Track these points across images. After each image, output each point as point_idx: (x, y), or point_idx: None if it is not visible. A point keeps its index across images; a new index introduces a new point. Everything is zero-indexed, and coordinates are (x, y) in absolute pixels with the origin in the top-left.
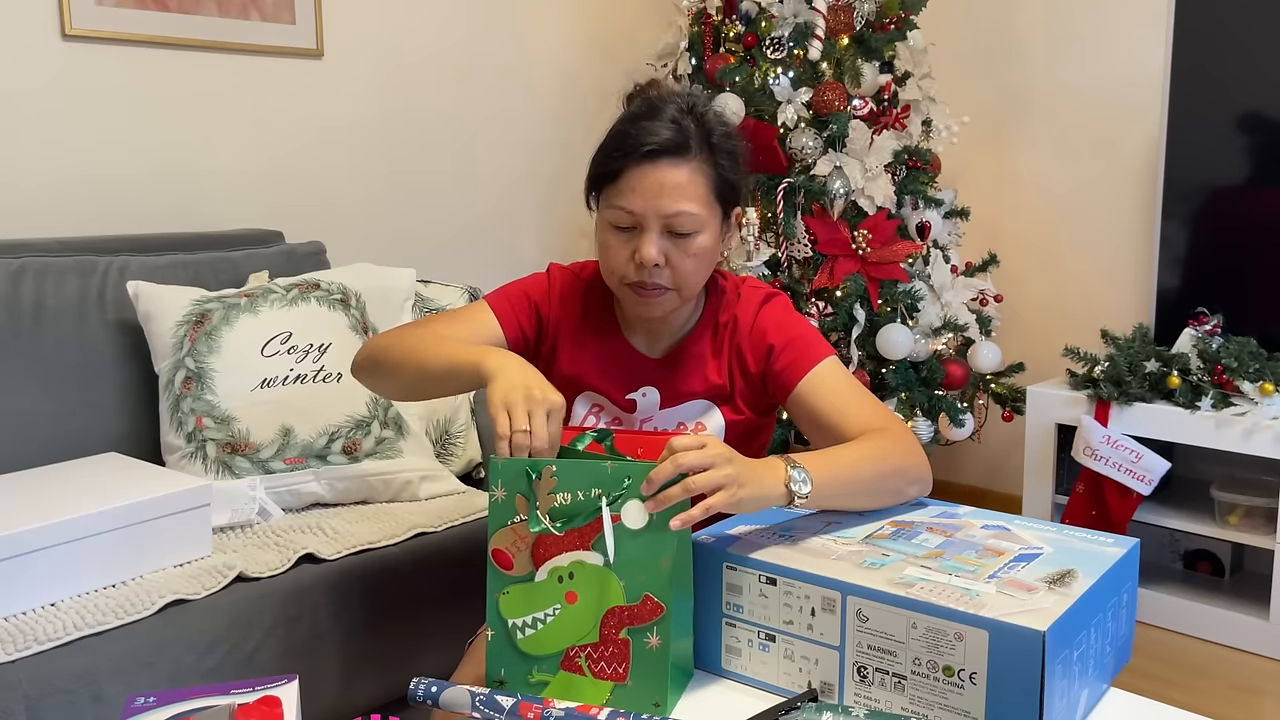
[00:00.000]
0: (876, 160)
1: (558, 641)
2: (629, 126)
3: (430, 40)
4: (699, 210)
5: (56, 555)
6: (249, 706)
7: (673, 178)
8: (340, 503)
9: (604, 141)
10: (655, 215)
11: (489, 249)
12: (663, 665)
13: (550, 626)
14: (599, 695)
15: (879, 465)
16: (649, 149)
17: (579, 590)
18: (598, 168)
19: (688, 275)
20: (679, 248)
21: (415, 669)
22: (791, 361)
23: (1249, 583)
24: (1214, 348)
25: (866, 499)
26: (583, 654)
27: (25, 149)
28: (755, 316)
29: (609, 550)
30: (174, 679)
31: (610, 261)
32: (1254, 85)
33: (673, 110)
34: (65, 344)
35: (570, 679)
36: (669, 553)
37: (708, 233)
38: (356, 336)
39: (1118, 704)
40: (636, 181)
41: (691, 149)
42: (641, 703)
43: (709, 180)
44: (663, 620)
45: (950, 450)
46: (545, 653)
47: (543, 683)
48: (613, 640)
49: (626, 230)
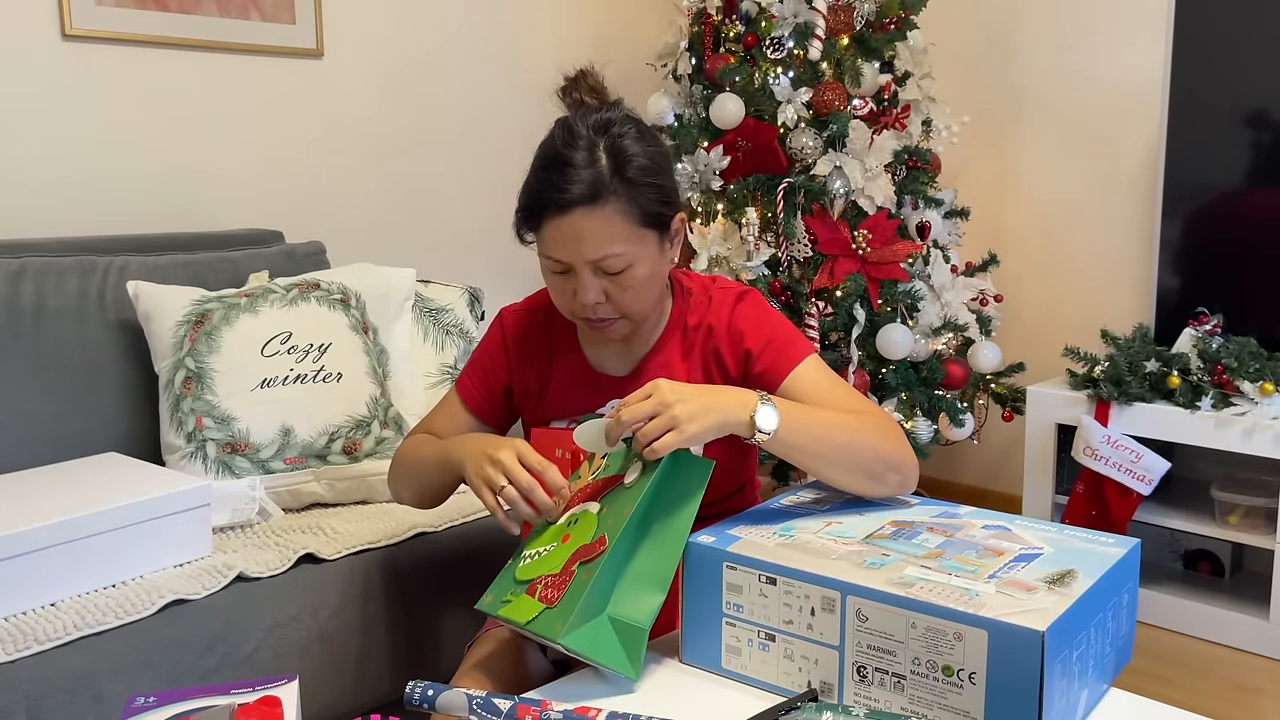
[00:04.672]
0: (876, 160)
1: (538, 570)
2: (540, 177)
3: (430, 40)
4: (625, 248)
5: (56, 555)
6: (249, 706)
7: (590, 226)
8: (340, 503)
9: (523, 185)
10: (582, 261)
11: (489, 249)
12: (579, 593)
13: (542, 559)
14: (529, 612)
15: (853, 437)
16: (561, 202)
17: (574, 533)
18: (519, 216)
19: (632, 305)
20: (616, 284)
21: (415, 669)
22: (771, 364)
23: (1249, 583)
24: (1214, 348)
25: (838, 468)
26: (543, 582)
27: (25, 149)
28: (729, 319)
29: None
30: (174, 679)
31: (557, 298)
32: (1254, 85)
33: (581, 153)
34: (65, 344)
35: (523, 601)
36: (635, 503)
37: (643, 263)
38: (356, 336)
39: (1118, 704)
40: (556, 234)
41: (603, 193)
42: (550, 626)
43: (630, 216)
44: (601, 556)
45: (950, 450)
46: (526, 579)
47: (507, 601)
48: (567, 572)
49: (563, 273)
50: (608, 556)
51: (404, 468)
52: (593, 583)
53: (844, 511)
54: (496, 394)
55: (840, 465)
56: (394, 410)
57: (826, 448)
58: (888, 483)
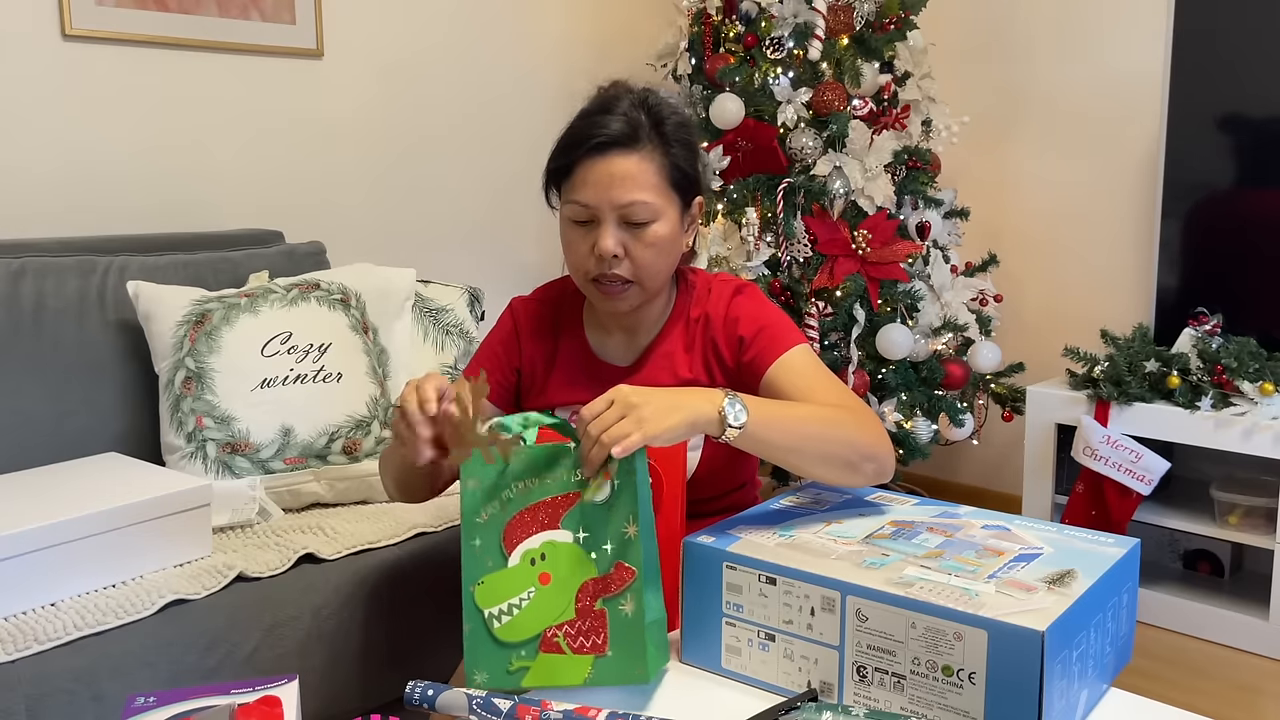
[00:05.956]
0: (876, 160)
1: (535, 624)
2: (580, 121)
3: (430, 40)
4: (652, 199)
5: (56, 555)
6: (249, 706)
7: (623, 167)
8: (340, 503)
9: (557, 140)
10: (609, 206)
11: (489, 249)
12: (639, 631)
13: (526, 611)
14: (580, 671)
15: (826, 428)
16: (598, 141)
17: (551, 570)
18: (552, 164)
19: (647, 265)
20: (636, 238)
21: (415, 669)
22: (762, 350)
23: (1249, 583)
24: (1214, 348)
25: (811, 460)
26: (560, 632)
27: (25, 149)
28: (727, 309)
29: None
30: (174, 679)
31: (572, 257)
32: (1254, 85)
33: (624, 104)
34: (65, 344)
35: (550, 660)
36: (632, 519)
37: (664, 221)
38: (356, 336)
39: (1118, 704)
40: (588, 174)
41: (641, 139)
42: (624, 672)
43: (661, 169)
44: (635, 585)
45: (950, 450)
46: (523, 638)
47: (523, 669)
48: (588, 613)
49: (584, 225)
50: (644, 582)
51: (387, 460)
52: (646, 612)
53: (844, 511)
54: (509, 376)
55: (814, 457)
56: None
57: (799, 440)
58: (863, 472)
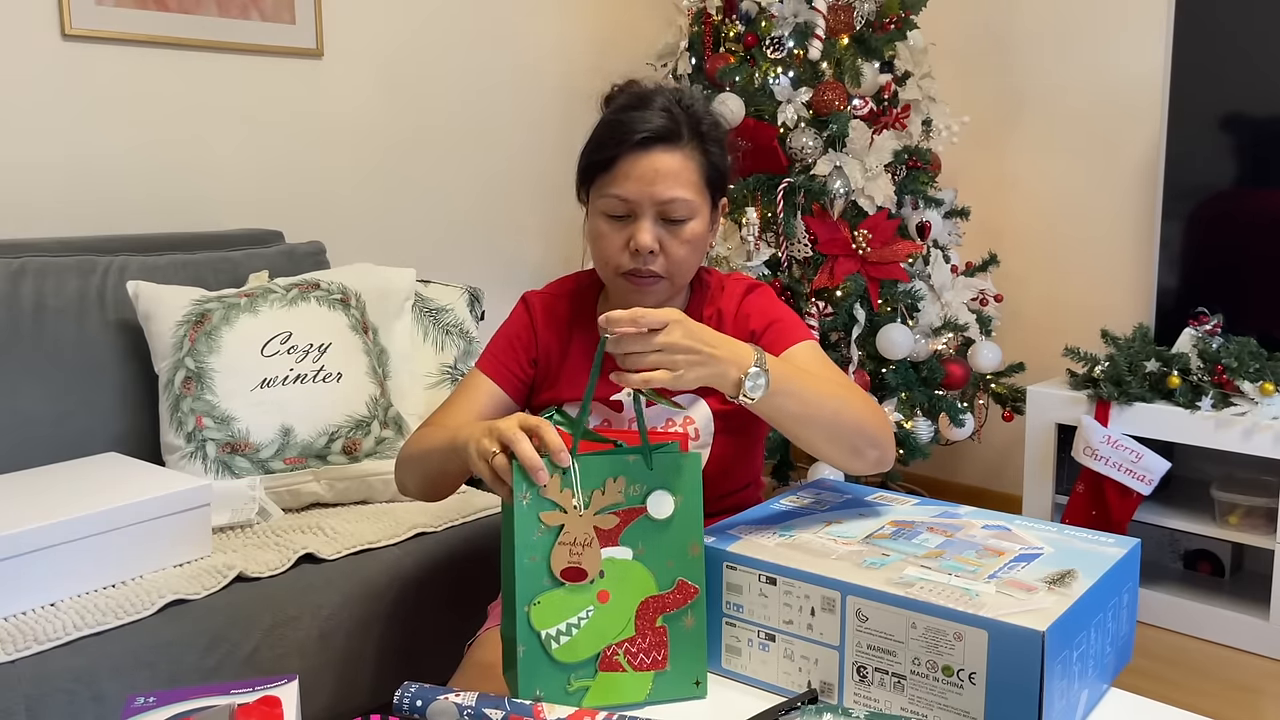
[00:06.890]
0: (876, 160)
1: (594, 644)
2: (620, 116)
3: (430, 40)
4: (692, 196)
5: (56, 555)
6: (249, 706)
7: (666, 164)
8: (340, 503)
9: (594, 132)
10: (650, 202)
11: (489, 249)
12: (699, 642)
13: (585, 630)
14: (641, 688)
15: (840, 408)
16: (642, 136)
17: (610, 588)
18: (590, 157)
19: (680, 262)
20: (672, 234)
21: (415, 669)
22: (770, 342)
23: (1249, 583)
24: (1214, 348)
25: (820, 435)
26: (620, 650)
27: (25, 148)
28: (739, 306)
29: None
30: (174, 679)
31: (604, 251)
32: (1254, 85)
33: (662, 100)
34: (65, 344)
35: (611, 678)
36: (696, 538)
37: (699, 219)
38: (356, 336)
39: (1118, 704)
40: (630, 169)
41: (683, 136)
42: (683, 684)
43: (700, 167)
44: (697, 601)
45: (950, 450)
46: (582, 658)
47: (583, 689)
48: (649, 630)
49: (620, 219)
50: (707, 597)
51: (412, 456)
52: (707, 625)
53: (844, 512)
54: (525, 366)
55: (824, 433)
56: (394, 410)
57: (814, 411)
58: (866, 458)
